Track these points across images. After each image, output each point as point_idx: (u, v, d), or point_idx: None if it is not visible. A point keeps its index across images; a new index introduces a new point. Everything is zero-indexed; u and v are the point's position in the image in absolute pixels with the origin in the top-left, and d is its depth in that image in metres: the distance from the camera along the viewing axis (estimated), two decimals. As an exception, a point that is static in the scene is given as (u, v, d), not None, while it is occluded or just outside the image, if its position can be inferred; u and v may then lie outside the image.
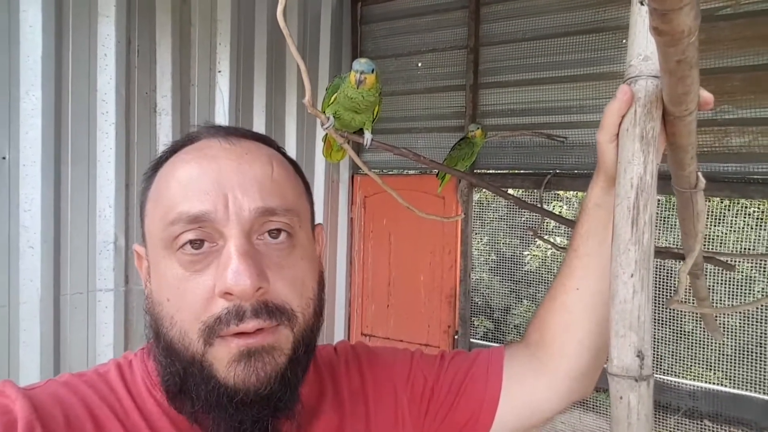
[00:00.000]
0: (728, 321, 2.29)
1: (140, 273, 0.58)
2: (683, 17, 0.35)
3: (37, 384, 0.52)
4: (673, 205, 1.97)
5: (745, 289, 2.20)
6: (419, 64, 2.63)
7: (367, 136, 1.22)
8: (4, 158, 1.39)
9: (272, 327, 0.49)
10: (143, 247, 0.57)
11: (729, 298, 2.13)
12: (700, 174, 0.63)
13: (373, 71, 1.15)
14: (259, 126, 2.24)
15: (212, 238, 0.49)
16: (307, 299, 0.54)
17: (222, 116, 2.04)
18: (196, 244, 0.49)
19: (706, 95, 0.51)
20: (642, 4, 0.47)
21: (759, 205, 2.34)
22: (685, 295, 0.63)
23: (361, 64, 1.15)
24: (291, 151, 2.45)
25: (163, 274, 0.51)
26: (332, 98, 1.22)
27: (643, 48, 0.51)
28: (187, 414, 0.51)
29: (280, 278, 0.51)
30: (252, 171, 0.52)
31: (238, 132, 0.57)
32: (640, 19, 0.51)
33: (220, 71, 2.04)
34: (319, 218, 2.65)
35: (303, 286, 0.53)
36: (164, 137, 1.81)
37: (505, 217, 3.04)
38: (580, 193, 3.04)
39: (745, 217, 2.36)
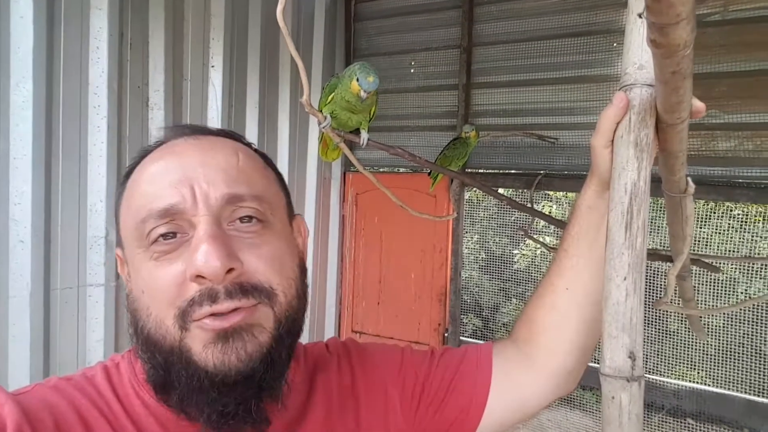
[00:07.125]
0: (711, 321, 2.33)
1: (123, 278, 0.58)
2: (680, 31, 0.36)
3: (26, 388, 0.52)
4: (660, 207, 2.01)
5: (729, 290, 2.25)
6: (412, 63, 2.64)
7: (364, 135, 1.23)
8: (-6, 151, 1.38)
9: (250, 306, 0.49)
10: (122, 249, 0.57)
11: (713, 298, 2.18)
12: (689, 179, 0.64)
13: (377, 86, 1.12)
14: (251, 122, 2.23)
15: (183, 229, 0.50)
16: (288, 279, 0.54)
17: (215, 111, 2.03)
18: (168, 236, 0.50)
19: (698, 104, 0.52)
20: (640, 16, 0.48)
21: (743, 207, 2.39)
22: (672, 297, 0.65)
23: (369, 84, 1.09)
24: (283, 146, 2.45)
25: (138, 269, 0.52)
26: (329, 98, 1.21)
27: (638, 57, 0.52)
28: (174, 406, 0.51)
29: (255, 257, 0.51)
30: (215, 161, 0.53)
31: (205, 129, 0.58)
32: (636, 29, 0.52)
33: (213, 66, 2.03)
34: (310, 215, 2.65)
35: (282, 265, 0.53)
36: (156, 132, 1.79)
37: (495, 216, 3.07)
38: (569, 194, 3.07)
39: (729, 220, 2.41)
